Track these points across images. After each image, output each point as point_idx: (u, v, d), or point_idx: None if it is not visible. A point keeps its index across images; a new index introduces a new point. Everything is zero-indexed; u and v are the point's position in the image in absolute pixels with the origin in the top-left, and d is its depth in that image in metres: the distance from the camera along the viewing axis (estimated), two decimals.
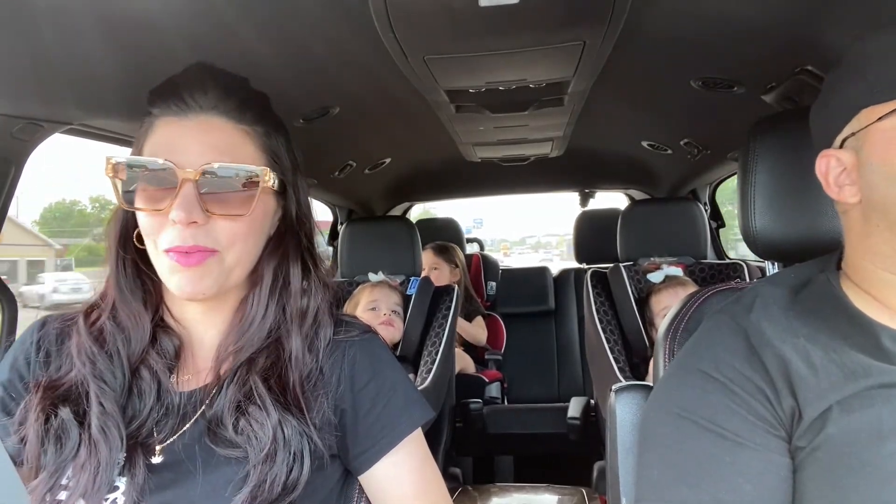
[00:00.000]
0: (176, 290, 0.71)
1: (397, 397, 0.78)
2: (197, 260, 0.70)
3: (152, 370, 0.74)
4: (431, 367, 1.97)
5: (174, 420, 0.73)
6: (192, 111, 0.72)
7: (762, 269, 2.15)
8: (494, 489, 2.44)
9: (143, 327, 0.76)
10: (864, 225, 0.71)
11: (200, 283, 0.71)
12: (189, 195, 0.68)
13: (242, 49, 1.04)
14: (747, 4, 1.00)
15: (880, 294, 0.71)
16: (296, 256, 0.79)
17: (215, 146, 0.71)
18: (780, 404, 0.68)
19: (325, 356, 0.78)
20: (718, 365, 0.72)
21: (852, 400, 0.65)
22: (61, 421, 0.69)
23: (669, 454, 0.70)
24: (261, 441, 0.70)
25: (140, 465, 0.69)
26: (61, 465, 0.69)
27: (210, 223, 0.70)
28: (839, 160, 0.72)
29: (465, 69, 1.28)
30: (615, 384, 0.94)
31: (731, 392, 0.69)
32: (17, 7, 0.80)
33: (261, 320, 0.76)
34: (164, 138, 0.72)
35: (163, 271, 0.72)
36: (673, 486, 0.68)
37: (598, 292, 2.11)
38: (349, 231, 2.30)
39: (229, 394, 0.73)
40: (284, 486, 0.69)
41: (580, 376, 3.19)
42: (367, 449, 0.76)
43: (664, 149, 2.24)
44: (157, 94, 0.74)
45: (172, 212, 0.68)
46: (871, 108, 0.67)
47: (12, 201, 1.17)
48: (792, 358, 0.68)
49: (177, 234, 0.69)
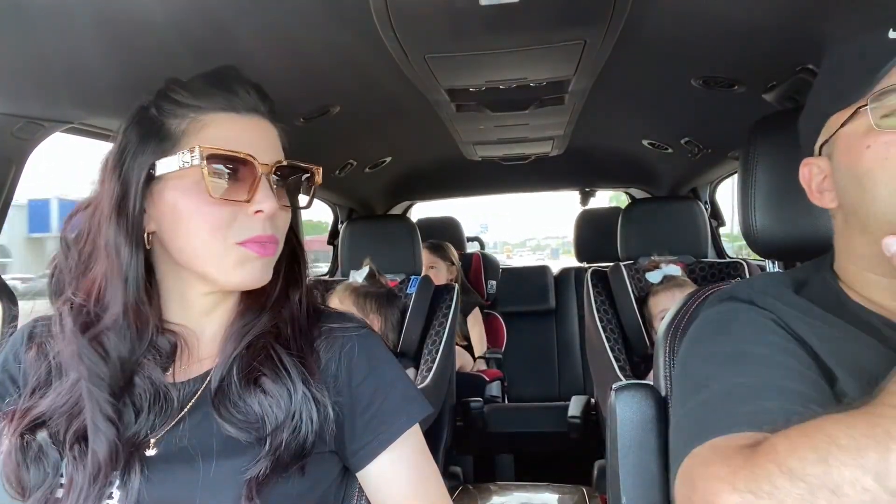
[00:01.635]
0: (244, 279, 0.73)
1: (395, 393, 0.78)
2: (273, 250, 0.74)
3: (147, 376, 0.73)
4: (432, 366, 1.97)
5: (170, 414, 0.73)
6: (243, 109, 0.74)
7: (762, 269, 2.16)
8: (495, 488, 2.45)
9: (148, 330, 0.74)
10: (846, 228, 0.73)
11: (268, 270, 0.75)
12: (269, 187, 0.72)
13: (243, 49, 1.04)
14: (748, 4, 1.00)
15: (871, 294, 0.73)
16: (291, 245, 0.83)
17: (273, 145, 0.76)
18: (817, 364, 0.69)
19: (323, 347, 0.78)
20: (755, 340, 0.71)
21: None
22: (38, 445, 0.68)
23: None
24: (277, 407, 0.70)
25: (135, 463, 0.68)
26: (49, 488, 0.68)
27: (278, 214, 0.74)
28: (819, 167, 0.74)
29: (465, 68, 1.28)
30: (615, 383, 0.94)
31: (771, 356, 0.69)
32: (18, 6, 0.80)
33: (269, 307, 0.78)
34: (226, 133, 0.72)
35: (227, 264, 0.72)
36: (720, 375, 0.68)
37: (599, 291, 2.12)
38: (349, 230, 2.30)
39: (239, 363, 0.73)
40: (294, 453, 0.70)
41: (580, 375, 3.19)
42: (364, 445, 0.76)
43: (665, 147, 2.24)
44: (211, 87, 0.74)
45: (260, 203, 0.70)
46: (838, 115, 0.70)
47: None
48: (811, 339, 0.70)
49: (258, 223, 0.71)
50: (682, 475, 0.64)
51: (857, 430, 0.50)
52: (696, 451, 0.64)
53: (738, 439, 0.60)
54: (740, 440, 0.60)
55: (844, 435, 0.50)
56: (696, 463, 0.62)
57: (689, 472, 0.63)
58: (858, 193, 0.68)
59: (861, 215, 0.69)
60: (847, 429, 0.51)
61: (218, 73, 0.76)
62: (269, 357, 0.74)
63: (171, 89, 0.74)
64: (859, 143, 0.67)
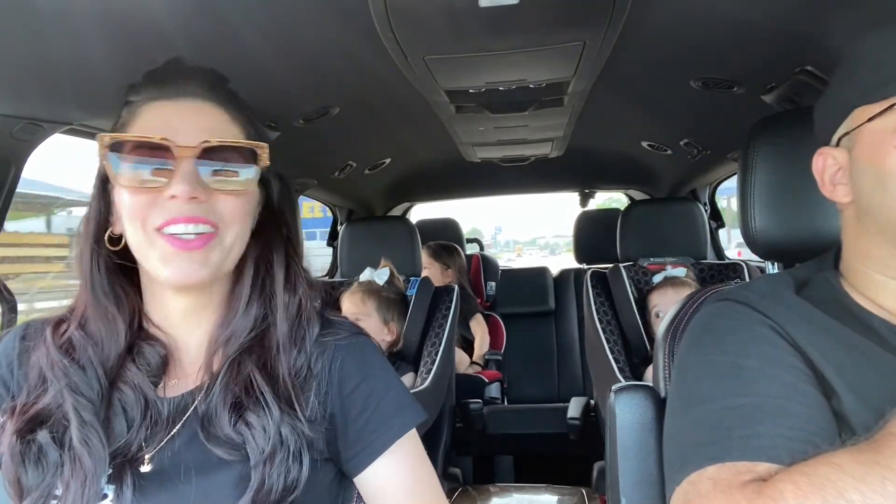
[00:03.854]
0: (172, 277, 0.69)
1: (388, 400, 0.77)
2: (199, 244, 0.68)
3: (135, 385, 0.72)
4: (431, 368, 1.97)
5: (162, 429, 0.72)
6: (180, 95, 0.71)
7: (762, 270, 2.16)
8: (494, 489, 2.44)
9: (118, 332, 0.73)
10: (857, 226, 0.71)
11: (202, 267, 0.69)
12: (189, 171, 0.67)
13: (243, 50, 1.04)
14: (747, 5, 1.00)
15: (875, 295, 0.70)
16: (279, 247, 0.79)
17: (208, 128, 0.70)
18: (813, 371, 0.67)
19: (314, 356, 0.77)
20: (747, 352, 0.69)
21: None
22: (39, 444, 0.68)
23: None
24: (260, 439, 0.69)
25: (128, 477, 0.68)
26: (46, 490, 0.67)
27: (211, 200, 0.69)
28: (835, 158, 0.71)
29: (464, 69, 1.28)
30: (615, 384, 0.94)
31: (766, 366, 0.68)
32: (18, 7, 0.80)
33: (244, 309, 0.75)
34: (155, 120, 0.70)
35: (154, 260, 0.69)
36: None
37: (598, 292, 2.12)
38: (349, 231, 2.30)
39: (223, 390, 0.71)
40: (285, 487, 0.68)
41: (580, 376, 3.19)
42: (358, 452, 0.76)
43: (664, 149, 2.25)
44: (145, 80, 0.73)
45: (172, 187, 0.66)
46: (863, 108, 0.67)
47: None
48: (808, 347, 0.68)
49: (174, 207, 0.67)
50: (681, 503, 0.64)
51: (867, 484, 0.50)
52: (692, 477, 0.63)
53: (736, 471, 0.60)
54: (739, 473, 0.59)
55: (853, 489, 0.50)
56: (695, 493, 0.62)
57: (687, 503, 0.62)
58: (878, 192, 0.65)
59: (879, 216, 0.66)
60: (857, 483, 0.51)
61: (164, 66, 0.75)
62: (251, 388, 0.71)
63: (130, 86, 0.74)
64: (888, 140, 0.64)
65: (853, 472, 0.52)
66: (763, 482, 0.58)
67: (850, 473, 0.52)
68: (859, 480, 0.51)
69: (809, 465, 0.55)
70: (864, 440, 0.56)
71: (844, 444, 0.57)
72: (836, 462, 0.53)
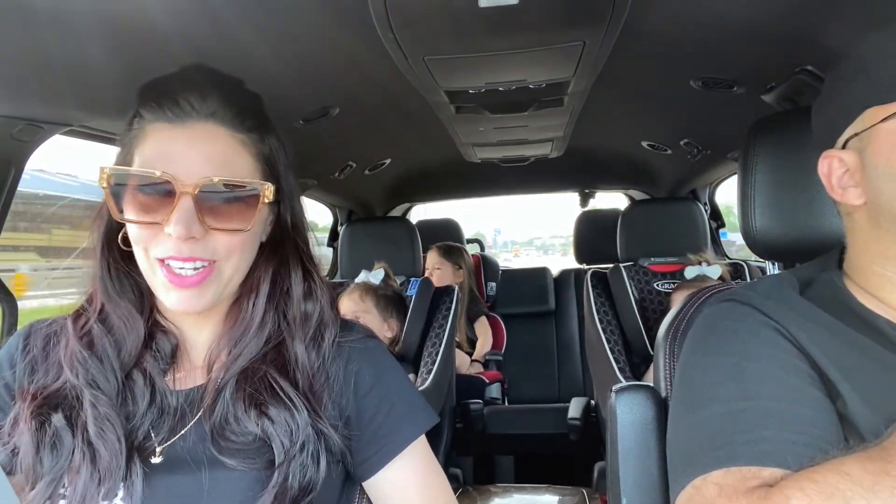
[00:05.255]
0: (173, 307, 0.70)
1: (401, 404, 0.78)
2: (196, 280, 0.68)
3: (146, 373, 0.73)
4: (432, 368, 1.97)
5: (172, 420, 0.72)
6: (189, 118, 0.69)
7: (762, 270, 2.16)
8: (495, 489, 2.44)
9: (137, 330, 0.74)
10: (872, 228, 0.69)
11: (199, 300, 0.70)
12: (187, 209, 0.66)
13: (243, 50, 1.04)
14: (747, 5, 1.00)
15: (887, 296, 0.69)
16: (296, 262, 0.78)
17: (213, 158, 0.69)
18: (817, 372, 0.66)
19: (330, 359, 0.77)
20: (752, 355, 0.69)
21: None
22: (55, 428, 0.68)
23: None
24: (284, 436, 0.69)
25: (138, 468, 0.68)
26: (58, 474, 0.67)
27: (208, 237, 0.69)
28: (842, 161, 0.69)
29: (464, 70, 1.28)
30: (615, 384, 0.94)
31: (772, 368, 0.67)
32: (18, 8, 0.80)
33: (257, 327, 0.75)
34: (159, 147, 0.69)
35: (157, 286, 0.70)
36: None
37: (599, 293, 2.12)
38: (349, 232, 2.30)
39: (233, 400, 0.71)
40: (302, 487, 0.68)
41: (580, 377, 3.18)
42: (370, 456, 0.76)
43: (664, 149, 2.25)
44: (150, 94, 0.71)
45: (169, 226, 0.66)
46: (877, 108, 0.65)
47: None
48: (812, 349, 0.67)
49: (172, 245, 0.67)
50: None
51: (876, 495, 0.50)
52: (697, 482, 0.62)
53: (742, 476, 0.59)
54: (744, 479, 0.59)
55: (862, 499, 0.50)
56: (700, 498, 0.61)
57: None
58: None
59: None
60: (866, 493, 0.50)
61: (175, 75, 0.74)
62: (269, 387, 0.71)
63: (140, 93, 0.73)
64: None
65: (862, 481, 0.51)
66: (769, 488, 0.57)
67: (859, 483, 0.51)
68: (868, 491, 0.50)
69: (818, 472, 0.55)
70: (874, 446, 0.55)
71: (852, 449, 0.57)
72: (844, 470, 0.53)
